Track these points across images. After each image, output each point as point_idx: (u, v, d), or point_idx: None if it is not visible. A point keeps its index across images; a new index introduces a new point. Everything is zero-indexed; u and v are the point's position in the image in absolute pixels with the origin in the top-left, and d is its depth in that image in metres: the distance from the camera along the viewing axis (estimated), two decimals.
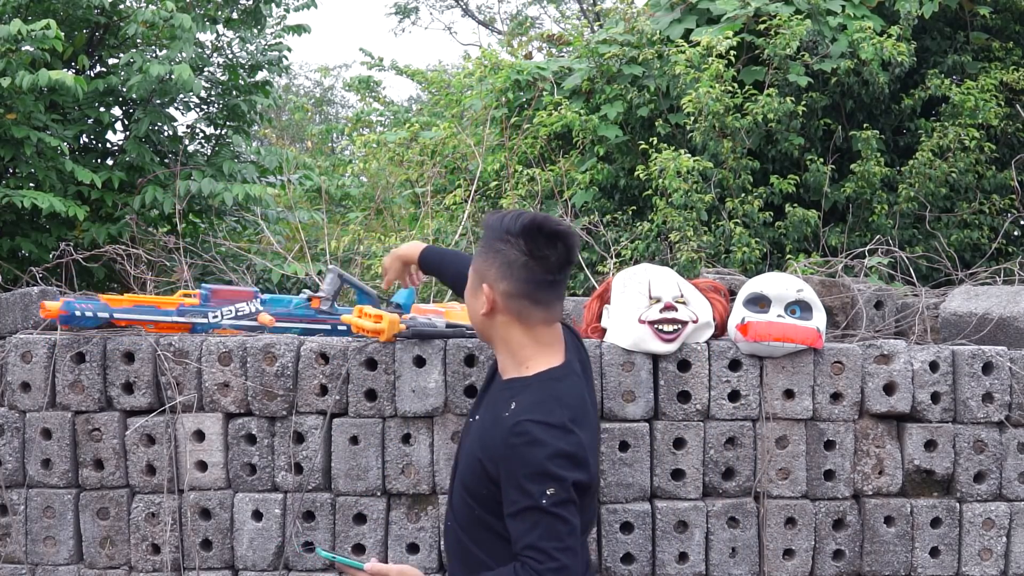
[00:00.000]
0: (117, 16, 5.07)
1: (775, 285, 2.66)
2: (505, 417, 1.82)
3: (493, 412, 1.88)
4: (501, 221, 1.88)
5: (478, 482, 1.85)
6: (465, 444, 1.98)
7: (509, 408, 1.83)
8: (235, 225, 5.79)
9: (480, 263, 1.91)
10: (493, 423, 1.85)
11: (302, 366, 2.63)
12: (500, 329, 1.91)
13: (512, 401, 1.84)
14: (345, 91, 15.27)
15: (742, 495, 2.65)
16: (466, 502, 1.90)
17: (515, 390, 1.87)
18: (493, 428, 1.84)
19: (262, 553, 2.62)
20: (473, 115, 6.31)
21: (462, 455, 1.97)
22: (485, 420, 1.90)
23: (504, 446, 1.78)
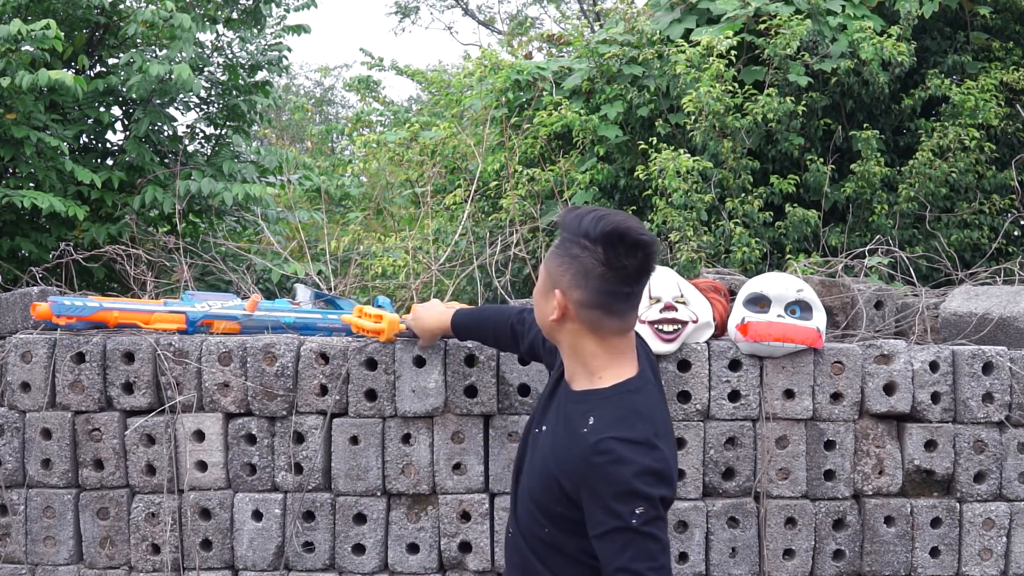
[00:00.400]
0: (117, 16, 5.07)
1: (775, 285, 2.66)
2: (584, 433, 1.73)
3: (567, 426, 1.78)
4: (580, 222, 1.76)
5: (552, 500, 1.78)
6: (534, 457, 1.86)
7: (587, 423, 1.74)
8: (235, 225, 5.79)
9: (553, 265, 1.80)
10: (569, 439, 1.76)
11: (302, 366, 2.63)
12: (571, 337, 1.81)
13: (589, 416, 1.75)
14: (345, 91, 15.28)
15: (742, 495, 2.65)
16: (536, 519, 1.82)
17: (591, 404, 1.77)
18: (570, 445, 1.75)
19: (262, 553, 2.62)
20: (473, 115, 6.31)
21: (530, 468, 1.86)
22: (558, 434, 1.80)
23: (586, 465, 1.70)
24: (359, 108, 10.51)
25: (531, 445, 1.89)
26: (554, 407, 1.86)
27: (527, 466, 1.89)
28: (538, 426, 1.88)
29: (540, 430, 1.87)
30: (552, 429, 1.83)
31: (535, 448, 1.86)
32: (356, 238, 5.51)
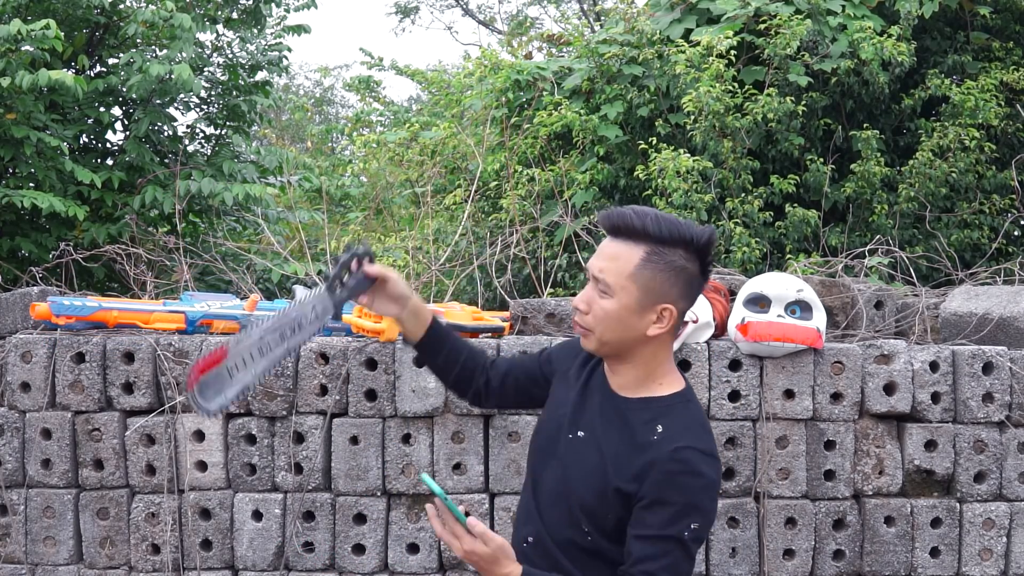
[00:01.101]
0: (117, 16, 5.07)
1: (775, 285, 2.66)
2: (655, 441, 1.72)
3: (627, 433, 1.76)
4: (679, 231, 1.72)
5: (607, 509, 1.73)
6: (580, 465, 1.80)
7: (655, 431, 1.73)
8: (235, 225, 5.79)
9: (656, 280, 1.73)
10: (632, 447, 1.74)
11: (302, 366, 2.63)
12: (657, 348, 1.77)
13: (656, 424, 1.74)
14: (345, 91, 15.28)
15: (742, 495, 2.65)
16: (579, 527, 1.78)
17: (654, 411, 1.76)
18: (634, 452, 1.73)
19: (262, 553, 2.62)
20: (473, 115, 6.31)
21: (577, 475, 1.79)
22: (612, 441, 1.77)
23: (659, 472, 1.69)
24: (359, 108, 10.51)
25: (566, 451, 1.82)
26: (595, 413, 1.82)
27: (569, 473, 1.81)
28: (572, 432, 1.83)
29: (576, 435, 1.82)
30: (601, 436, 1.79)
31: (577, 455, 1.81)
32: (356, 238, 5.51)
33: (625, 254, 1.74)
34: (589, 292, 1.78)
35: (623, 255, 1.75)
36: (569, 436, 1.82)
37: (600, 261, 1.77)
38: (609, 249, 1.76)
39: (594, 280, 1.77)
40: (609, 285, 1.74)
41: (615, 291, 1.74)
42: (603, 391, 1.83)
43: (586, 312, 1.78)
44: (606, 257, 1.76)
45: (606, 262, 1.76)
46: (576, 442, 1.81)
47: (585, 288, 1.80)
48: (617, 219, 1.74)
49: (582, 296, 1.78)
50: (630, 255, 1.74)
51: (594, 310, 1.77)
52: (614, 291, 1.75)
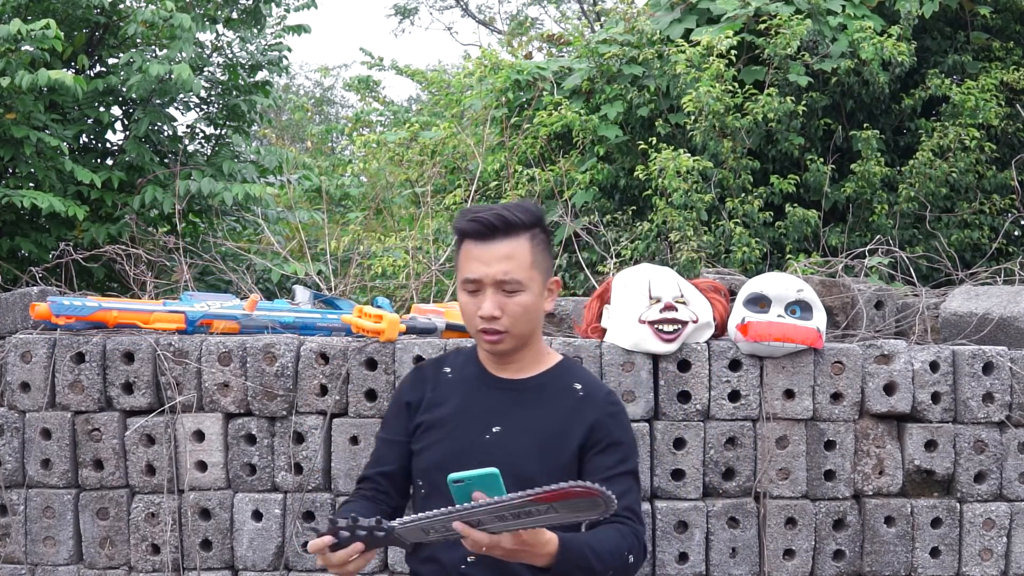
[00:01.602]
0: (117, 16, 5.07)
1: (775, 285, 2.65)
2: (584, 397, 1.88)
3: (552, 403, 1.87)
4: (535, 212, 1.86)
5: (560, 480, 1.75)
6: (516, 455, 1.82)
7: (577, 391, 1.89)
8: (235, 225, 5.79)
9: (545, 261, 1.88)
10: (566, 414, 1.86)
11: (302, 366, 2.63)
12: (539, 323, 1.92)
13: (572, 384, 1.90)
14: (345, 91, 15.27)
15: (742, 495, 2.65)
16: None
17: (562, 377, 1.90)
18: (572, 416, 1.85)
19: (262, 553, 2.62)
20: (473, 115, 6.31)
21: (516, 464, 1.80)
22: (541, 419, 1.85)
23: (606, 416, 1.86)
24: (359, 108, 10.50)
25: (488, 451, 1.82)
26: (502, 406, 1.87)
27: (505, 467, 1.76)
28: (486, 432, 1.85)
29: (493, 432, 1.85)
30: (523, 421, 1.85)
31: (503, 448, 1.83)
32: (356, 238, 5.51)
33: (516, 249, 1.82)
34: (494, 298, 1.81)
35: (515, 250, 1.82)
36: (486, 437, 1.85)
37: (497, 265, 1.80)
38: (498, 251, 1.81)
39: (497, 285, 1.81)
40: (519, 281, 1.81)
41: (526, 285, 1.82)
42: (495, 384, 1.90)
43: (500, 317, 1.81)
44: (500, 259, 1.81)
45: (504, 263, 1.81)
46: (497, 438, 1.84)
47: (486, 297, 1.81)
48: (494, 220, 1.81)
49: (489, 305, 1.80)
50: (521, 248, 1.82)
51: (509, 311, 1.82)
52: (525, 285, 1.82)
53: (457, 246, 1.91)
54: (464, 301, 1.87)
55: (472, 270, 1.82)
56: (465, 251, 1.85)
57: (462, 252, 1.86)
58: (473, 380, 1.93)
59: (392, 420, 1.97)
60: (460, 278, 1.87)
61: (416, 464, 1.92)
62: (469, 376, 1.94)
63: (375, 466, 1.95)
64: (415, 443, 1.92)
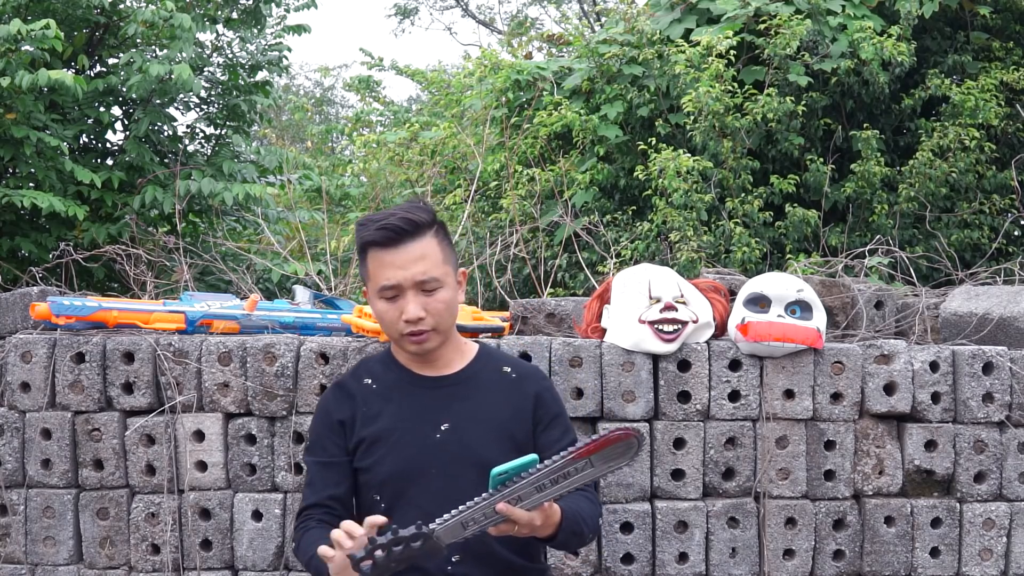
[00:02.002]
0: (117, 16, 5.07)
1: (775, 285, 2.66)
2: (518, 378, 1.96)
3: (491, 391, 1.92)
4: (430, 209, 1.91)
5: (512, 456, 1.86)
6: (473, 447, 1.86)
7: (509, 375, 1.96)
8: (235, 225, 5.79)
9: (451, 254, 1.92)
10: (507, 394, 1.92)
11: (302, 366, 2.63)
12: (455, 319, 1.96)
13: (502, 368, 1.97)
14: (345, 91, 15.28)
15: (742, 495, 2.65)
16: None
17: (488, 365, 1.97)
18: (515, 399, 1.93)
19: (262, 553, 2.62)
20: (473, 115, 6.30)
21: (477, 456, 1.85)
22: (487, 407, 1.90)
23: (546, 392, 1.98)
24: (359, 108, 10.50)
25: (443, 449, 1.86)
26: (441, 404, 1.90)
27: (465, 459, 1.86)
28: (435, 432, 1.88)
29: (441, 431, 1.88)
30: (470, 413, 1.89)
31: (459, 443, 1.87)
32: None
33: (426, 248, 1.86)
34: (416, 299, 1.84)
35: (425, 249, 1.86)
36: (437, 436, 1.87)
37: (413, 267, 1.83)
38: (410, 253, 1.84)
39: (417, 286, 1.84)
40: (437, 279, 1.85)
41: (443, 280, 1.87)
42: (428, 384, 1.93)
43: (424, 316, 1.84)
44: (414, 260, 1.84)
45: (420, 264, 1.84)
46: (448, 435, 1.87)
47: (407, 300, 1.84)
48: (402, 224, 1.84)
49: (413, 307, 1.83)
50: (430, 246, 1.87)
51: (432, 309, 1.85)
52: (442, 281, 1.86)
53: (362, 257, 1.91)
54: (383, 309, 1.88)
55: (389, 276, 1.85)
56: (375, 259, 1.87)
57: (371, 261, 1.88)
58: (403, 384, 1.93)
59: (325, 442, 1.93)
60: (375, 287, 1.88)
61: (368, 480, 1.90)
62: (396, 382, 1.94)
63: (322, 491, 1.91)
64: (360, 460, 1.91)
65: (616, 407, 2.61)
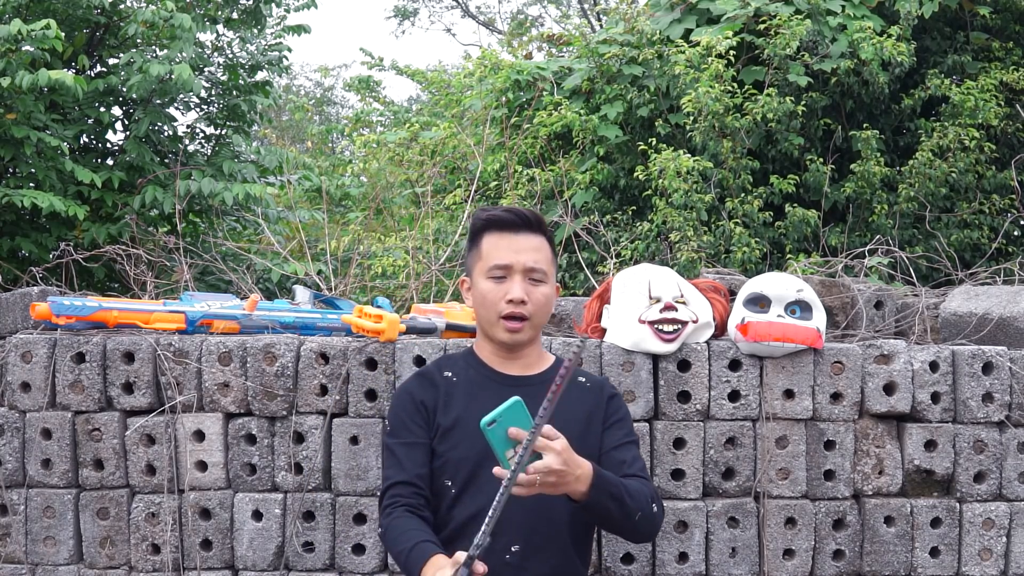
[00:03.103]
0: (117, 16, 5.07)
1: (775, 285, 2.65)
2: (592, 387, 2.07)
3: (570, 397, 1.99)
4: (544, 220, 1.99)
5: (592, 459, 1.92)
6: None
7: (583, 383, 2.06)
8: (235, 225, 5.79)
9: (555, 263, 2.01)
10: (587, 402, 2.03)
11: (302, 366, 2.63)
12: None
13: (576, 376, 2.06)
14: (345, 91, 15.28)
15: (742, 495, 2.65)
16: None
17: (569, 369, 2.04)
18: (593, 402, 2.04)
19: (262, 553, 2.62)
20: (473, 115, 6.31)
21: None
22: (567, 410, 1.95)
23: (611, 398, 2.08)
24: (359, 108, 10.50)
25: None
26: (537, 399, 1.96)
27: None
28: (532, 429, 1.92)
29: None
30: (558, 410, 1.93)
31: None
32: (356, 238, 5.51)
33: (541, 244, 1.95)
34: (522, 285, 1.91)
35: (540, 245, 1.95)
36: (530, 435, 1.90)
37: (529, 254, 1.92)
38: (529, 242, 1.93)
39: (526, 272, 1.91)
40: (545, 272, 1.93)
41: (548, 277, 1.95)
42: (509, 382, 1.98)
43: (527, 302, 1.91)
44: (532, 249, 1.93)
45: (534, 253, 1.93)
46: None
47: (513, 283, 1.91)
48: (526, 215, 1.94)
49: (518, 290, 1.90)
50: (544, 244, 1.96)
51: (534, 299, 1.92)
52: (548, 277, 1.95)
53: (475, 238, 1.99)
54: (488, 288, 1.93)
55: (502, 257, 1.92)
56: (491, 241, 1.94)
57: (486, 242, 1.95)
58: (484, 380, 1.98)
59: (409, 423, 1.97)
60: (486, 267, 1.94)
61: (440, 466, 1.94)
62: (477, 377, 1.99)
63: (410, 470, 1.92)
64: (438, 444, 1.95)
65: None
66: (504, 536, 1.84)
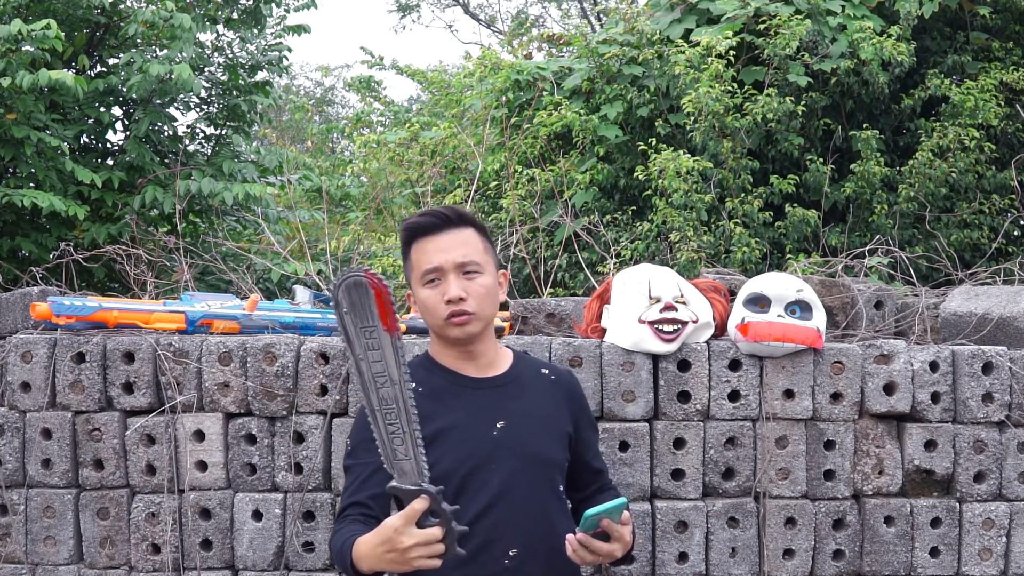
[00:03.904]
0: (117, 16, 5.07)
1: (775, 285, 2.66)
2: (556, 380, 2.04)
3: (538, 391, 1.99)
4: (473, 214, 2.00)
5: (566, 454, 1.99)
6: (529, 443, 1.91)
7: (547, 376, 2.04)
8: (235, 225, 5.79)
9: (493, 252, 1.98)
10: (551, 395, 2.00)
11: (302, 366, 2.63)
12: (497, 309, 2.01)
13: (540, 370, 2.04)
14: (345, 91, 15.28)
15: (742, 495, 2.65)
16: (557, 491, 1.96)
17: (527, 368, 2.03)
18: (558, 398, 2.01)
19: (262, 553, 2.62)
20: (473, 115, 6.31)
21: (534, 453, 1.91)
22: (536, 406, 1.96)
23: (578, 394, 2.08)
24: (360, 108, 10.50)
25: (502, 445, 1.90)
26: (493, 403, 1.93)
27: (526, 455, 1.91)
28: (492, 430, 1.91)
29: (498, 428, 1.91)
30: (522, 411, 1.94)
31: (517, 439, 1.91)
32: (356, 238, 5.51)
33: (468, 237, 1.93)
34: (457, 283, 1.88)
35: (467, 238, 1.93)
36: (494, 433, 1.91)
37: (457, 250, 1.90)
38: (454, 238, 1.91)
39: (458, 269, 1.89)
40: (478, 263, 1.90)
41: (484, 267, 1.92)
42: (477, 385, 1.96)
43: (465, 298, 1.88)
44: (458, 244, 1.91)
45: (462, 248, 1.91)
46: (505, 432, 1.91)
47: (448, 283, 1.89)
48: (444, 212, 1.93)
49: (454, 289, 1.88)
50: (472, 236, 1.93)
51: (473, 292, 1.89)
52: (483, 268, 1.91)
53: (405, 250, 1.97)
54: (426, 295, 1.92)
55: (431, 260, 1.90)
56: (419, 248, 1.93)
57: (414, 251, 1.94)
58: (451, 386, 1.95)
59: (369, 443, 1.88)
60: (418, 274, 1.93)
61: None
62: (443, 384, 1.95)
63: (363, 489, 1.88)
64: None
65: (616, 407, 2.61)
66: (502, 541, 1.84)
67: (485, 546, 1.83)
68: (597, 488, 2.08)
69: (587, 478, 2.07)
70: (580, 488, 2.06)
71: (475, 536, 1.80)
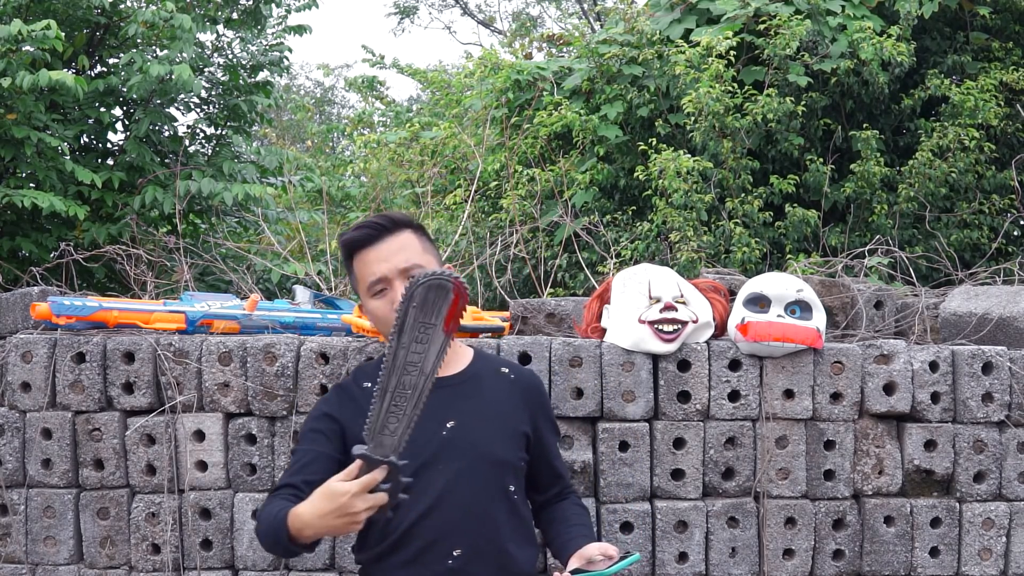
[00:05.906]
0: (117, 16, 5.07)
1: (775, 285, 2.66)
2: (516, 379, 2.01)
3: (492, 393, 1.95)
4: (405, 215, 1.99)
5: (522, 455, 1.96)
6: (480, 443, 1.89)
7: (507, 375, 2.00)
8: (235, 225, 5.79)
9: (433, 251, 1.98)
10: (509, 396, 1.97)
11: (302, 366, 2.63)
12: None
13: (499, 369, 2.01)
14: (346, 91, 15.28)
15: (742, 495, 2.65)
16: (507, 491, 1.91)
17: (487, 366, 2.01)
18: (515, 397, 1.97)
19: (262, 553, 2.62)
20: (473, 115, 6.31)
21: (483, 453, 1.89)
22: (492, 404, 1.94)
23: (539, 395, 2.04)
24: (361, 108, 10.50)
25: (450, 445, 1.88)
26: (444, 403, 1.89)
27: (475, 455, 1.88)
28: (441, 429, 1.88)
29: (448, 428, 1.89)
30: (474, 410, 1.91)
31: (466, 440, 1.88)
32: None
33: (406, 241, 1.92)
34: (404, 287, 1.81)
35: (405, 242, 1.92)
36: (443, 433, 1.88)
37: (397, 256, 1.89)
38: (392, 244, 1.91)
39: (402, 274, 1.88)
40: (421, 265, 1.88)
41: (427, 266, 1.89)
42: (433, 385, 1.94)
43: None
44: (397, 250, 1.90)
45: (401, 253, 1.90)
46: (455, 432, 1.89)
47: (395, 289, 1.87)
48: (378, 221, 1.92)
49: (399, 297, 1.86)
50: (409, 239, 1.93)
51: None
52: (426, 267, 1.89)
53: (349, 268, 1.97)
54: (376, 306, 1.92)
55: (374, 271, 1.90)
56: (360, 261, 1.93)
57: (356, 264, 1.94)
58: None
59: (319, 435, 1.92)
60: (364, 287, 1.93)
61: None
62: None
63: (300, 473, 1.88)
64: None
65: (616, 407, 2.61)
66: (446, 541, 1.82)
67: (429, 546, 1.82)
68: (557, 494, 2.06)
69: (547, 480, 2.05)
70: (541, 490, 2.05)
71: (419, 536, 1.81)
